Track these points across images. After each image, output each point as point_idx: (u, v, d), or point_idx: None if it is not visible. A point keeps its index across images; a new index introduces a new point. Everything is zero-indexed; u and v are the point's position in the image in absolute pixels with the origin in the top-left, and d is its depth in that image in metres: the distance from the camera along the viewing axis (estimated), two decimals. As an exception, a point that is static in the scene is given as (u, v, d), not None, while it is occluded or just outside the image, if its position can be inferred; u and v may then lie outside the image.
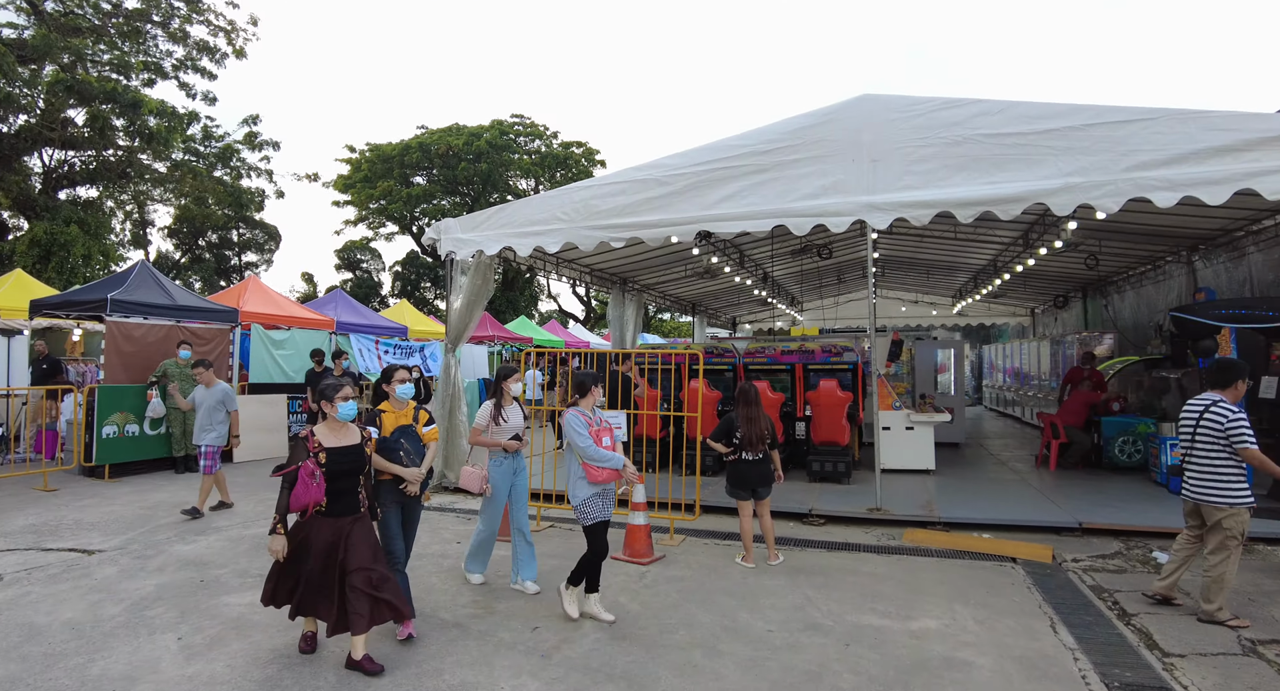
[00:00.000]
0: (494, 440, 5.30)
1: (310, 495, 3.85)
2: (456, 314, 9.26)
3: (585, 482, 4.73)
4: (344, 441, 4.04)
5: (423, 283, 34.43)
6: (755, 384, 6.70)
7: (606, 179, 8.53)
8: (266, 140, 22.90)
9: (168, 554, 6.27)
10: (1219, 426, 4.81)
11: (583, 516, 4.77)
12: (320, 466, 3.89)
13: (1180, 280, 12.20)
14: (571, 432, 4.70)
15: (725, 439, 6.12)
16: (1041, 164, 7.06)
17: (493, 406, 5.32)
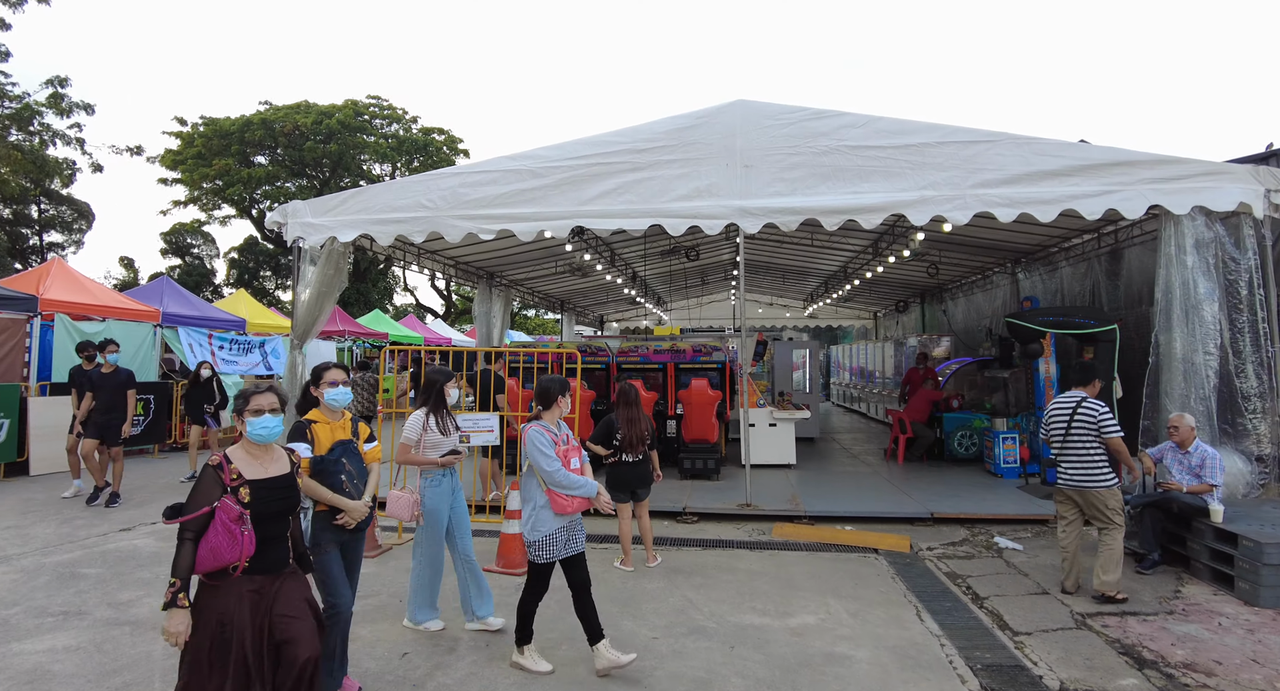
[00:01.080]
0: (427, 457, 4.55)
1: (234, 550, 2.76)
2: (304, 307, 8.43)
3: (550, 513, 3.90)
4: (270, 470, 2.98)
5: (262, 271, 31.54)
6: (632, 383, 6.58)
7: (476, 167, 8.11)
8: (77, 103, 19.75)
9: (-65, 590, 5.18)
10: (1092, 419, 5.30)
11: (537, 553, 3.91)
12: (244, 507, 2.83)
13: (1005, 289, 13.57)
14: (535, 452, 3.91)
15: (605, 441, 5.96)
16: (900, 177, 7.49)
17: (424, 416, 4.57)
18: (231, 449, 3.00)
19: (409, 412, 4.84)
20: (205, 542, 2.73)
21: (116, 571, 5.67)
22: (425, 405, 4.64)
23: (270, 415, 3.01)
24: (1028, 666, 4.22)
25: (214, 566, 2.77)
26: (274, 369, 13.75)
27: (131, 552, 6.22)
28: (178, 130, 24.89)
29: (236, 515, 2.79)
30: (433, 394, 4.66)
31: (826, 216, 7.51)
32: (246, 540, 2.79)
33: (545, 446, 3.92)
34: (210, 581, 2.83)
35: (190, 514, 2.75)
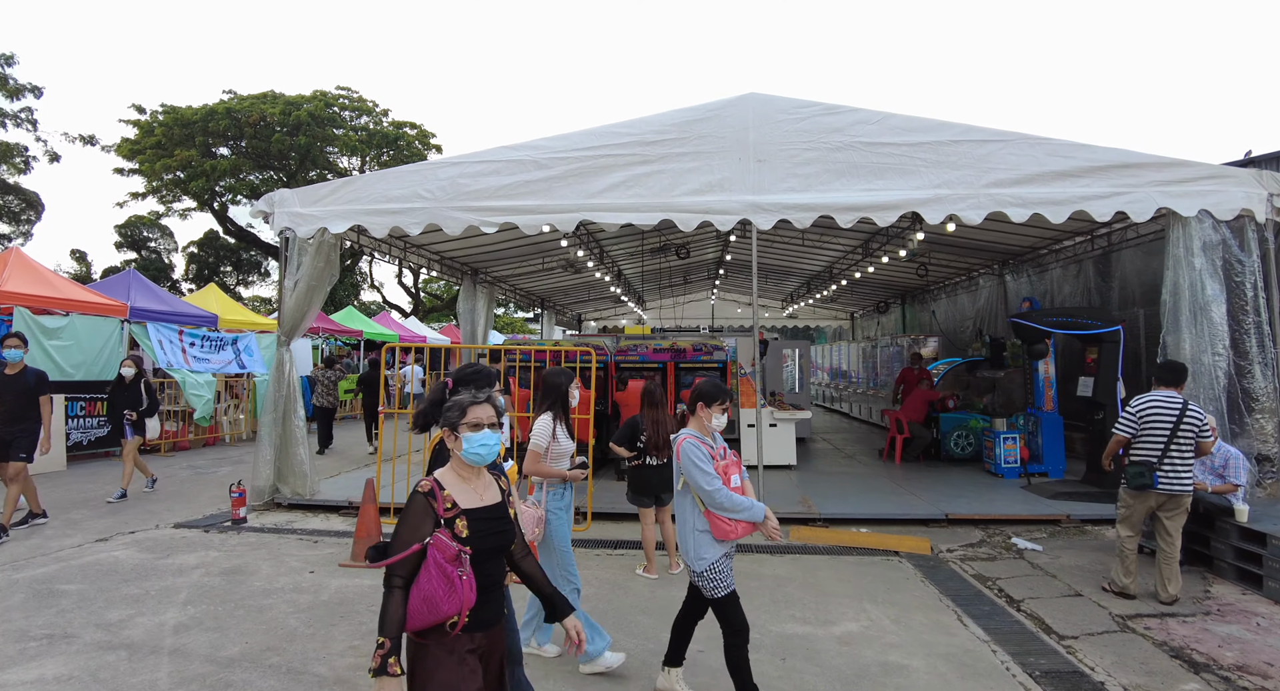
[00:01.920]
0: (554, 468, 4.15)
1: (453, 599, 2.23)
2: (293, 301, 7.99)
3: (709, 538, 3.37)
4: (485, 498, 2.46)
5: (223, 266, 30.39)
6: (651, 382, 6.34)
7: (477, 157, 7.77)
8: (24, 85, 18.54)
9: (-103, 610, 4.67)
10: (1198, 423, 5.12)
11: (711, 584, 3.39)
12: (461, 543, 2.29)
13: (990, 290, 13.70)
14: (692, 469, 3.34)
15: (629, 443, 5.71)
16: (915, 174, 7.40)
17: (552, 422, 4.16)
18: (441, 471, 2.47)
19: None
20: (416, 590, 2.21)
21: (100, 587, 5.22)
22: (549, 410, 4.22)
23: (490, 430, 2.45)
24: (1085, 672, 4.11)
25: (429, 621, 2.23)
26: (247, 366, 13.13)
27: (113, 566, 5.75)
28: (135, 119, 23.75)
29: (454, 554, 2.25)
30: (556, 397, 4.24)
31: (841, 213, 7.38)
32: (467, 586, 2.25)
33: (703, 461, 3.33)
34: (420, 640, 2.30)
35: (400, 553, 2.22)
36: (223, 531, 6.94)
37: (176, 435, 11.63)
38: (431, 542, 2.25)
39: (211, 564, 5.82)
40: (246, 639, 4.32)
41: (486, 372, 3.12)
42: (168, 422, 11.43)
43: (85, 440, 10.06)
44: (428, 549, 2.24)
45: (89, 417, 10.02)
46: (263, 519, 7.45)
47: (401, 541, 2.26)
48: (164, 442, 11.37)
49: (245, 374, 13.13)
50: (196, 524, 7.20)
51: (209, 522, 7.24)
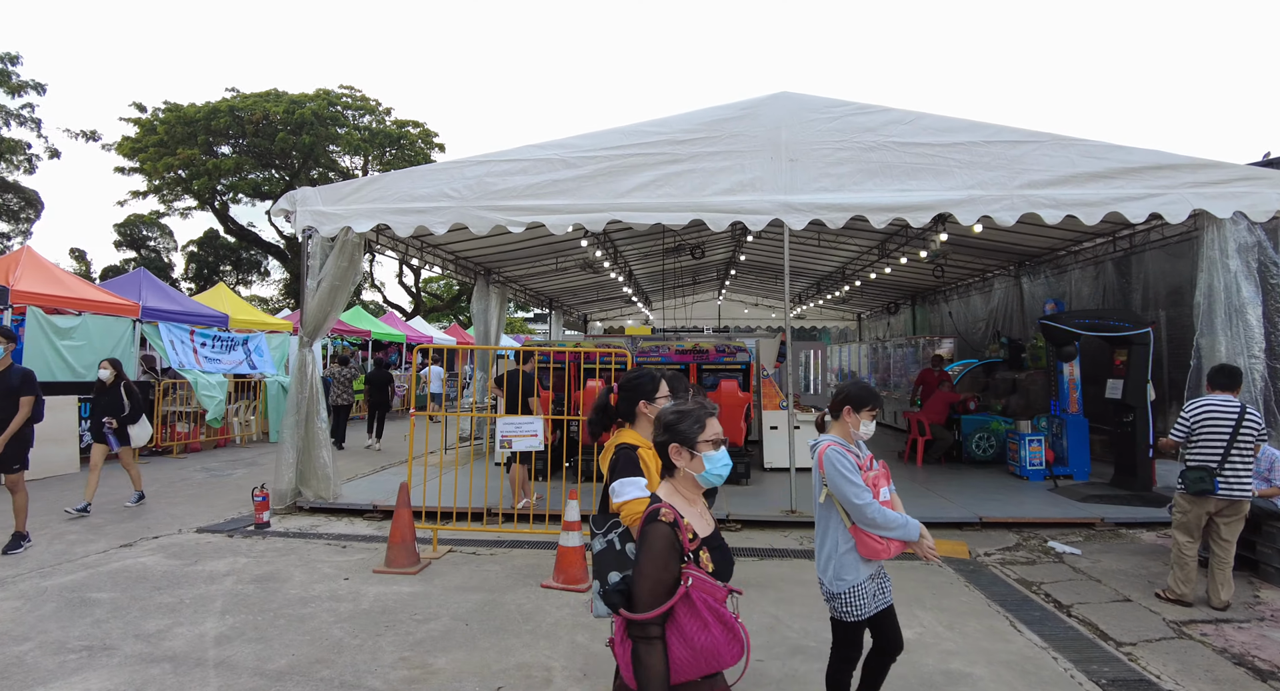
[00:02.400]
0: None
1: (737, 643, 1.94)
2: (316, 301, 7.87)
3: (855, 558, 3.02)
4: (710, 524, 2.23)
5: (222, 266, 30.17)
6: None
7: (504, 155, 7.67)
8: (28, 82, 18.32)
9: (-71, 619, 4.53)
10: (1258, 428, 5.05)
11: (847, 609, 3.06)
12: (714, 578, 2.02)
13: (1006, 291, 13.66)
14: (840, 480, 2.99)
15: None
16: (948, 175, 7.33)
17: None
18: (666, 495, 2.15)
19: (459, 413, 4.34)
20: (681, 640, 1.91)
21: (132, 595, 5.09)
22: None
23: (725, 447, 2.19)
24: (1152, 680, 4.04)
25: (700, 672, 1.93)
26: (258, 367, 12.98)
27: (142, 573, 5.62)
28: (136, 117, 23.50)
29: (725, 594, 1.96)
30: None
31: (875, 214, 7.31)
32: (743, 629, 1.93)
33: (850, 471, 2.99)
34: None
35: (667, 598, 1.89)
36: (247, 536, 6.81)
37: (188, 437, 11.47)
38: (694, 582, 1.92)
39: (242, 571, 5.70)
40: (292, 650, 4.21)
41: (656, 378, 2.90)
42: (180, 423, 11.28)
43: (98, 442, 9.88)
44: (686, 587, 1.91)
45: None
46: (286, 523, 7.33)
47: (654, 581, 1.91)
48: (176, 444, 11.22)
49: (255, 374, 12.96)
50: (220, 528, 7.07)
51: (232, 527, 7.11)
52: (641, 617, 1.89)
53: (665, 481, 2.22)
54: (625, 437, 2.82)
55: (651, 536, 1.96)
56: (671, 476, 2.20)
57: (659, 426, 2.25)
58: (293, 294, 27.68)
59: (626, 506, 2.56)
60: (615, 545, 2.62)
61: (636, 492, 2.56)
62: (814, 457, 3.16)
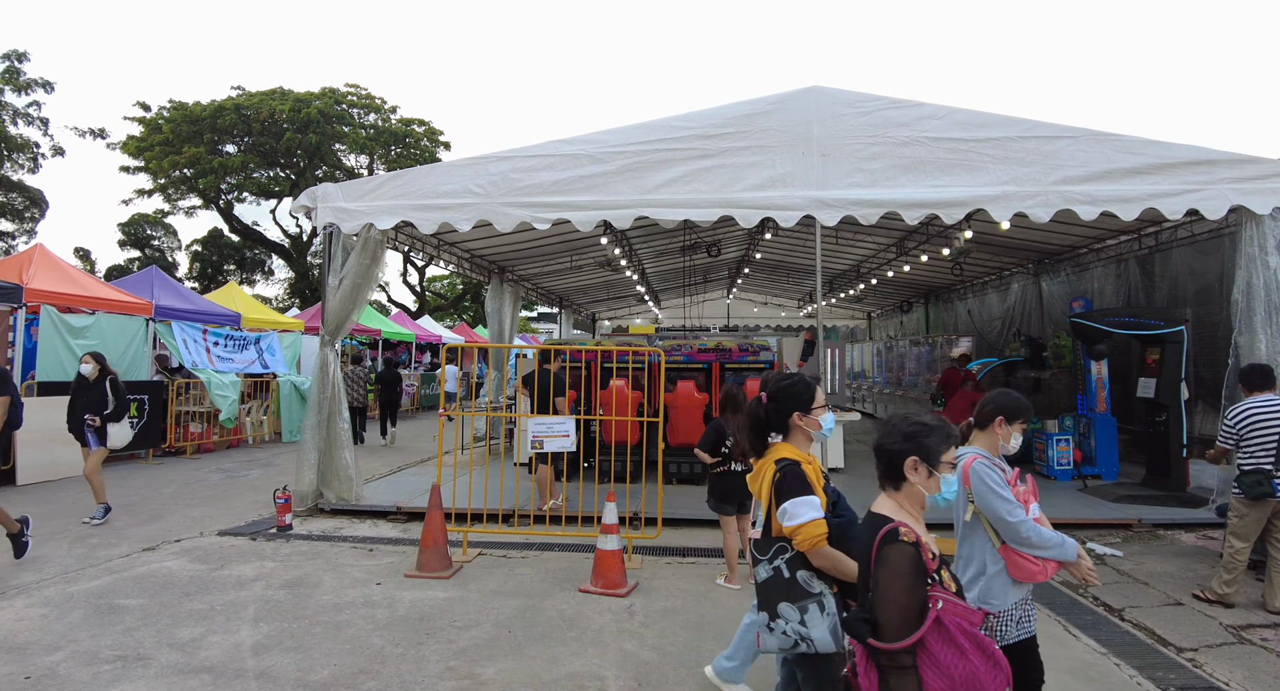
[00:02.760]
0: None
1: (1000, 674, 1.81)
2: (338, 299, 7.73)
3: (1004, 579, 2.76)
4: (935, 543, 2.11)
5: (226, 265, 30.01)
6: (733, 385, 6.13)
7: (530, 150, 7.54)
8: (35, 80, 18.14)
9: (-45, 628, 4.39)
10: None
11: (1004, 630, 2.75)
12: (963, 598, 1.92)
13: (1023, 289, 13.55)
14: (991, 497, 2.73)
15: (714, 448, 5.49)
16: (983, 171, 7.21)
17: None
18: (890, 509, 2.04)
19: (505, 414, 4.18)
20: (936, 672, 1.75)
21: (161, 602, 4.95)
22: None
23: None
24: (1221, 687, 3.93)
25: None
26: (270, 367, 12.83)
27: (168, 577, 5.48)
28: (140, 116, 23.30)
29: (981, 618, 1.83)
30: None
31: (908, 210, 7.18)
32: (1003, 659, 1.81)
33: (1000, 486, 2.73)
34: None
35: (920, 623, 1.75)
36: (270, 539, 6.67)
37: (201, 437, 11.33)
38: (944, 606, 1.78)
39: (270, 575, 5.56)
40: (334, 660, 4.08)
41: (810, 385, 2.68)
42: (193, 423, 11.13)
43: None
44: (935, 612, 1.78)
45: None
46: (308, 525, 7.19)
47: (901, 606, 1.77)
48: (189, 445, 11.08)
49: (268, 374, 12.82)
50: (241, 531, 6.93)
51: (254, 529, 6.98)
52: (893, 647, 1.75)
53: (888, 496, 2.09)
54: (783, 452, 2.59)
55: (894, 558, 1.83)
56: (895, 490, 2.07)
57: (897, 435, 2.10)
58: (298, 293, 27.53)
59: (803, 529, 2.35)
60: (783, 572, 2.42)
61: (813, 513, 2.37)
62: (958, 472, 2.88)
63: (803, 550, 2.38)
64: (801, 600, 2.41)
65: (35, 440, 8.55)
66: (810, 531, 2.35)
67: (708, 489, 5.63)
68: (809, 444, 2.64)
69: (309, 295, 25.88)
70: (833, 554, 2.38)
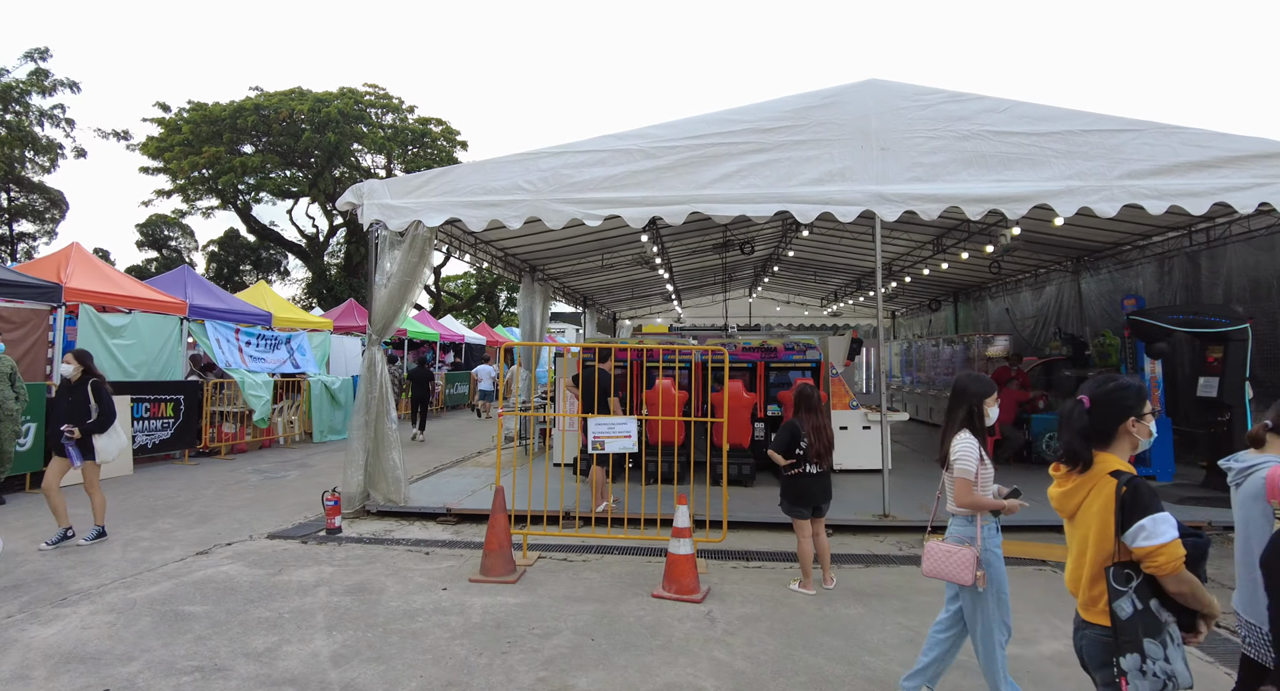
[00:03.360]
0: (988, 498, 3.41)
1: None
2: (385, 298, 7.61)
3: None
4: None
5: (242, 265, 29.99)
6: (807, 385, 5.95)
7: (580, 146, 7.39)
8: (61, 81, 18.11)
9: (23, 644, 4.24)
10: None
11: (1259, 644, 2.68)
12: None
13: (1060, 287, 13.34)
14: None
15: (788, 450, 5.33)
16: (1045, 165, 7.04)
17: (976, 442, 3.43)
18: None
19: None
20: None
21: (227, 609, 4.82)
22: (965, 425, 3.48)
23: None
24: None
25: None
26: (301, 366, 12.71)
27: (228, 583, 5.35)
28: (160, 117, 23.24)
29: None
30: (970, 412, 3.47)
31: (970, 205, 7.01)
32: None
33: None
34: None
35: None
36: (321, 542, 6.55)
37: (234, 437, 11.22)
38: None
39: (332, 581, 5.43)
40: (418, 671, 3.93)
41: (1141, 390, 2.46)
42: (226, 424, 11.02)
43: (150, 443, 9.65)
44: None
45: (154, 419, 9.60)
46: (358, 527, 7.06)
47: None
48: (223, 445, 10.96)
49: (300, 374, 12.71)
50: (291, 534, 6.80)
51: (303, 532, 6.85)
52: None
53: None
54: (1115, 464, 2.32)
55: None
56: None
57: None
58: (315, 293, 27.47)
59: (1166, 550, 2.12)
60: (1136, 603, 2.19)
61: (1174, 531, 2.16)
62: (1262, 483, 2.70)
63: (1163, 573, 2.14)
64: (1159, 634, 2.18)
65: (75, 441, 8.44)
66: (1174, 552, 2.12)
67: (781, 491, 5.47)
68: (1132, 453, 2.41)
69: (326, 294, 25.84)
70: (1190, 578, 2.15)
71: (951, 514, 3.49)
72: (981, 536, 3.36)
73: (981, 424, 3.46)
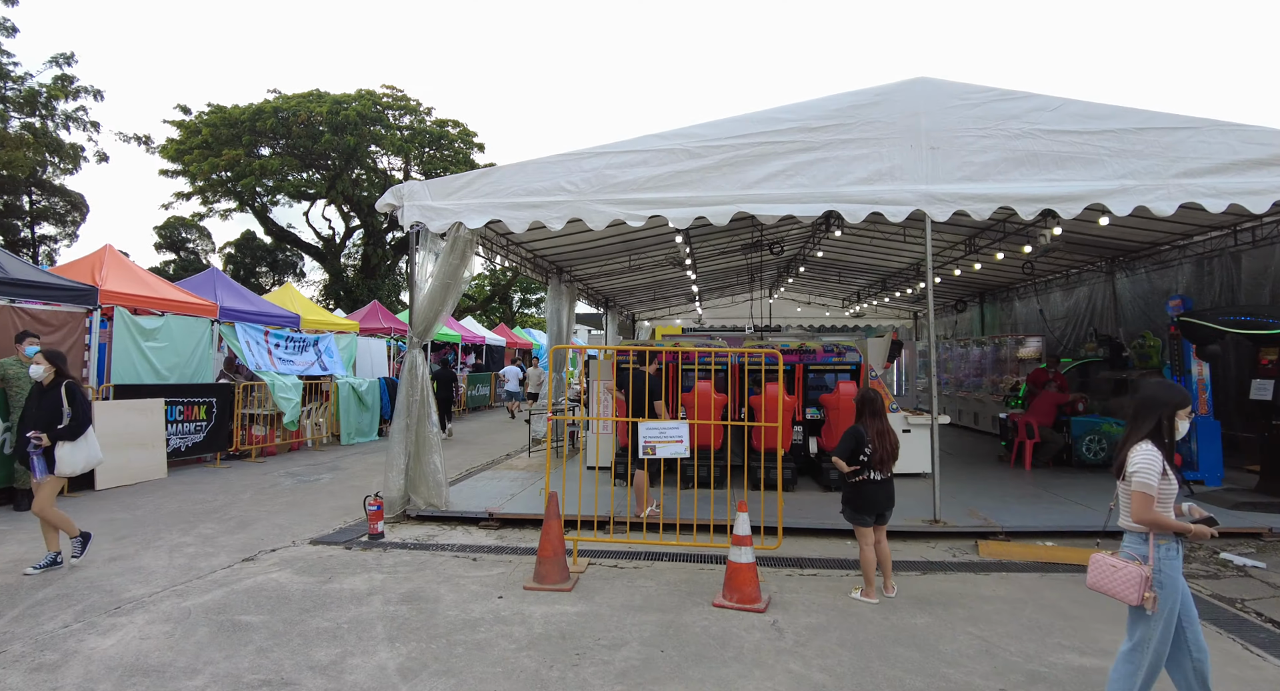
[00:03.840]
0: (1170, 518, 3.13)
1: None
2: (425, 299, 7.54)
3: None
4: None
5: (259, 268, 30.06)
6: (869, 389, 5.84)
7: (623, 146, 7.29)
8: (85, 87, 18.26)
9: (84, 656, 4.15)
10: None
11: None
12: None
13: (1095, 288, 13.15)
14: None
15: (852, 456, 5.21)
16: (1099, 164, 6.90)
17: (1159, 455, 3.12)
18: None
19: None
20: None
21: (283, 619, 4.73)
22: (1149, 436, 3.20)
23: None
24: None
25: None
26: (328, 369, 12.66)
27: (279, 592, 5.26)
28: (180, 119, 23.28)
29: None
30: (1159, 423, 3.20)
31: (1023, 205, 6.89)
32: None
33: None
34: None
35: None
36: (366, 548, 6.46)
37: (264, 440, 11.17)
38: None
39: (384, 589, 5.33)
40: (490, 686, 3.83)
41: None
42: (256, 426, 10.97)
43: (184, 446, 9.60)
44: None
45: (187, 422, 9.56)
46: (400, 532, 6.98)
47: None
48: (254, 448, 10.91)
49: (327, 376, 12.66)
50: (334, 540, 6.72)
51: (346, 538, 6.77)
52: None
53: None
54: None
55: None
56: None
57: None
58: (333, 294, 27.49)
59: None
60: None
61: None
62: None
63: None
64: None
65: (111, 444, 8.39)
66: None
67: (843, 498, 5.35)
68: None
69: (343, 296, 25.85)
70: None
71: (1126, 529, 3.27)
72: (1155, 556, 3.12)
73: (1171, 437, 3.21)
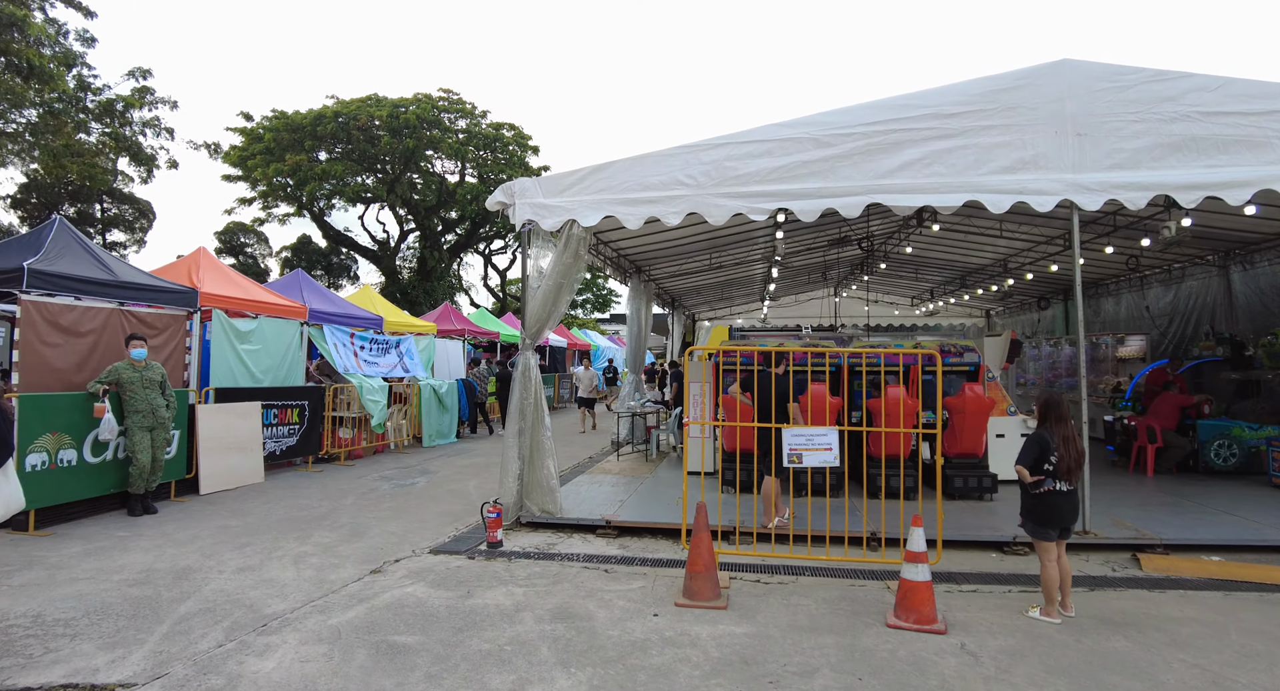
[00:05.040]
0: None
1: None
2: (539, 300, 7.31)
3: None
4: None
5: (314, 271, 30.39)
6: (1055, 392, 5.42)
7: (745, 136, 6.98)
8: (162, 98, 18.71)
9: (249, 680, 3.91)
10: None
11: None
12: None
13: (1204, 283, 12.42)
14: None
15: (1036, 465, 4.81)
16: (1267, 148, 6.40)
17: None
18: None
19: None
20: None
21: (439, 639, 4.49)
22: None
23: None
24: None
25: None
26: (410, 371, 12.57)
27: (421, 608, 5.02)
28: (242, 126, 23.61)
29: None
30: None
31: (1182, 192, 6.41)
32: None
33: None
34: None
35: None
36: (489, 558, 6.23)
37: (351, 442, 11.09)
38: None
39: (530, 605, 5.07)
40: (692, 713, 3.53)
41: None
42: (342, 429, 10.88)
43: (279, 450, 9.54)
44: None
45: (281, 426, 9.49)
46: (517, 541, 6.75)
47: None
48: (342, 451, 10.83)
49: (409, 378, 12.57)
50: (454, 549, 6.51)
51: (464, 547, 6.55)
52: None
53: None
54: None
55: None
56: None
57: None
58: (388, 296, 27.66)
59: None
60: None
61: None
62: None
63: None
64: None
65: (216, 448, 8.37)
66: None
67: (1024, 510, 4.96)
68: None
69: (400, 298, 25.95)
70: None
71: None
72: None
73: None
